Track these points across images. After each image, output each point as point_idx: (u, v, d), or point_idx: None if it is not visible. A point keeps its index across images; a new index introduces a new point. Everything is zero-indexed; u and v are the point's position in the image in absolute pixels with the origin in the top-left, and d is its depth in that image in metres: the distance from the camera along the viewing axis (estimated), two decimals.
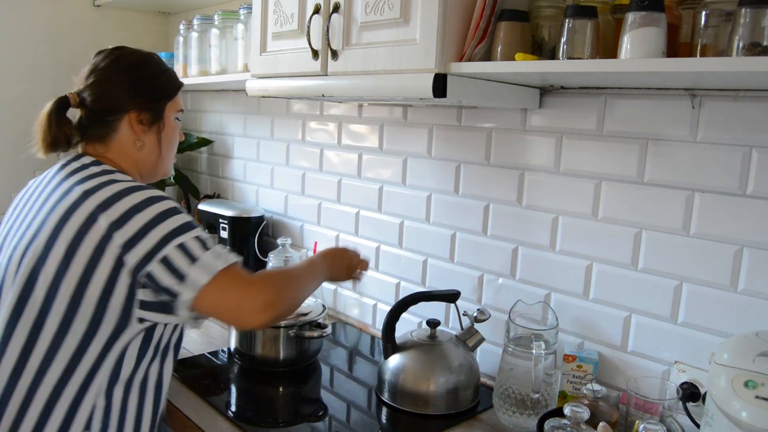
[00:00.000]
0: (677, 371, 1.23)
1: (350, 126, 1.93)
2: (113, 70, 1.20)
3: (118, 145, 1.20)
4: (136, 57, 1.24)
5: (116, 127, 1.20)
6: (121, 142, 1.20)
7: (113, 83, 1.19)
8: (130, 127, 1.20)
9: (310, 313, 1.61)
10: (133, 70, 1.22)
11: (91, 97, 1.19)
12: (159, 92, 1.24)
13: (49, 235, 1.05)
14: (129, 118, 1.20)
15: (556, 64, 1.08)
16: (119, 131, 1.20)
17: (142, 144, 1.22)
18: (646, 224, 1.27)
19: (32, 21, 2.54)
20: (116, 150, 1.20)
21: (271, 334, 1.56)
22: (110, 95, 1.19)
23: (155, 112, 1.23)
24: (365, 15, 1.27)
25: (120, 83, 1.20)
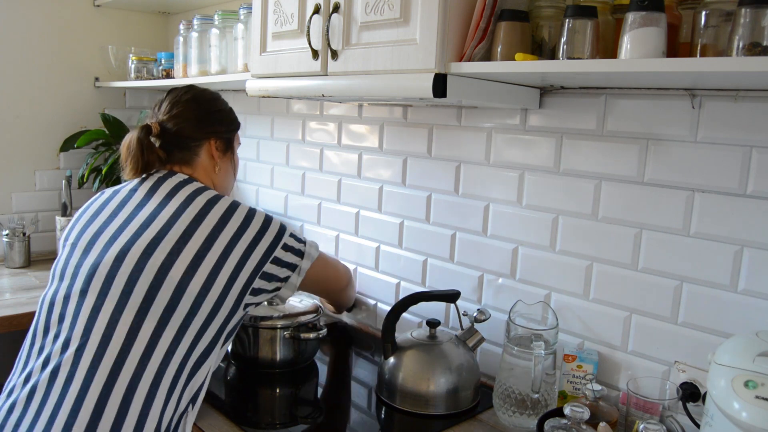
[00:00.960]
0: (677, 371, 1.23)
1: (350, 126, 1.93)
2: (195, 104, 1.38)
3: (202, 167, 1.38)
4: (211, 94, 1.44)
5: (198, 152, 1.37)
6: (203, 165, 1.38)
7: (197, 114, 1.37)
8: (209, 152, 1.38)
9: (306, 315, 1.61)
10: (211, 105, 1.41)
11: (176, 126, 1.35)
12: (231, 125, 1.46)
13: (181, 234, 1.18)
14: (209, 145, 1.38)
15: (556, 64, 1.08)
16: (201, 156, 1.37)
17: (219, 168, 1.41)
18: (646, 224, 1.27)
19: (32, 21, 2.54)
20: (200, 172, 1.37)
21: (267, 336, 1.56)
22: (194, 124, 1.36)
23: (228, 141, 1.44)
24: (365, 15, 1.27)
25: (203, 114, 1.38)
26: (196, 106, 1.38)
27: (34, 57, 2.56)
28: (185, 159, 1.36)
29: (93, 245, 1.21)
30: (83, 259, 1.20)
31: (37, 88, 2.58)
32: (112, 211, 1.27)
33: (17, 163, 2.58)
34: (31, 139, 2.60)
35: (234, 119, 1.48)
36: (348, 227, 1.96)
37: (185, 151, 1.35)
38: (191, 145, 1.36)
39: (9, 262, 2.46)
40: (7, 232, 2.45)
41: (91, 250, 1.20)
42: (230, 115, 1.47)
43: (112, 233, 1.21)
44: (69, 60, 2.64)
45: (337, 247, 2.01)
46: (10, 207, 2.59)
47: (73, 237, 1.26)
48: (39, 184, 2.64)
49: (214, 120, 1.40)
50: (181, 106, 1.36)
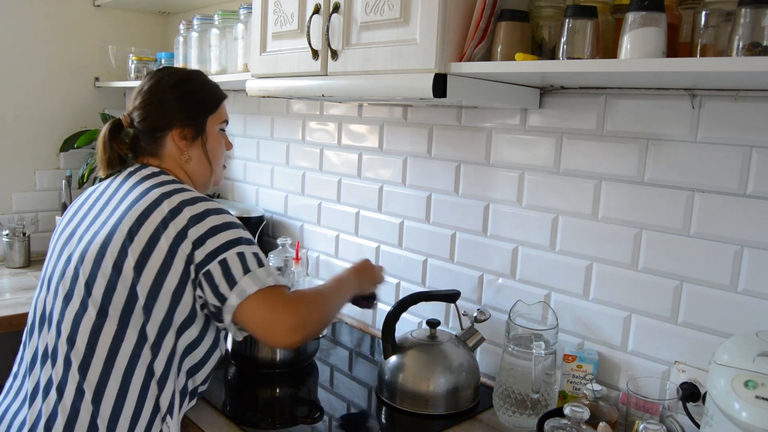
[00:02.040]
0: (677, 371, 1.23)
1: (350, 126, 1.93)
2: (156, 90, 1.28)
3: (169, 159, 1.29)
4: (178, 75, 1.32)
5: (163, 143, 1.28)
6: (170, 156, 1.29)
7: (156, 103, 1.28)
8: (174, 142, 1.28)
9: None
10: (174, 89, 1.29)
11: (139, 117, 1.28)
12: (199, 107, 1.31)
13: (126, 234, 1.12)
14: (172, 135, 1.28)
15: (556, 64, 1.08)
16: (166, 146, 1.29)
17: (189, 158, 1.30)
18: (646, 224, 1.27)
19: (33, 21, 2.54)
20: (169, 163, 1.29)
21: None
22: (154, 114, 1.27)
23: (197, 127, 1.30)
24: (365, 15, 1.27)
25: (162, 102, 1.28)
26: (156, 94, 1.29)
27: (34, 57, 2.56)
28: (151, 151, 1.29)
29: (66, 246, 1.21)
30: (58, 260, 1.21)
31: (37, 88, 2.58)
32: (86, 211, 1.26)
33: (17, 163, 2.58)
34: (31, 139, 2.60)
35: (205, 101, 1.32)
36: (348, 227, 1.96)
37: (151, 144, 1.29)
38: (155, 136, 1.28)
39: (9, 262, 2.46)
40: (7, 232, 2.45)
41: (64, 251, 1.21)
42: (198, 96, 1.32)
43: (81, 234, 1.20)
44: (69, 60, 2.64)
45: (337, 247, 2.01)
46: (10, 207, 2.59)
47: (55, 238, 1.27)
48: (39, 184, 2.64)
49: (175, 107, 1.28)
50: (143, 95, 1.29)
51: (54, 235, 1.29)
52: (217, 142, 1.35)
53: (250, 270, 1.12)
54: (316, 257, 2.09)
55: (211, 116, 1.33)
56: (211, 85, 1.35)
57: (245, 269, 1.12)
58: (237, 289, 1.11)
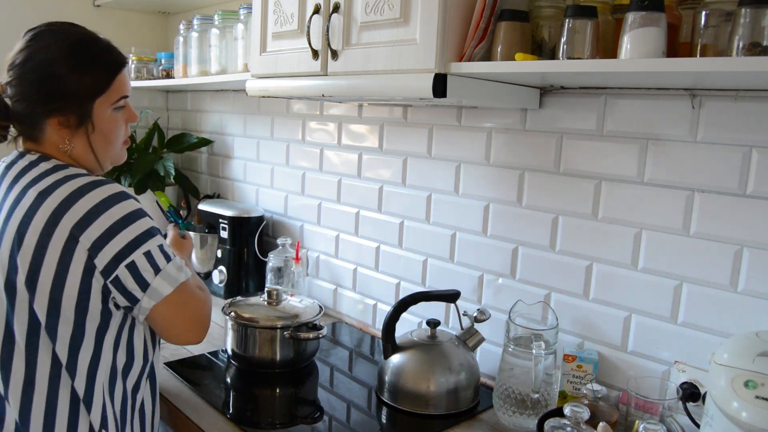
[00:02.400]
0: (677, 371, 1.23)
1: (350, 126, 1.93)
2: (30, 67, 1.06)
3: (50, 144, 1.11)
4: (59, 47, 1.08)
5: (42, 128, 1.09)
6: (51, 142, 1.11)
7: (29, 83, 1.07)
8: (54, 129, 1.09)
9: (306, 315, 1.61)
10: (52, 67, 1.06)
11: (13, 97, 1.08)
12: (84, 91, 1.09)
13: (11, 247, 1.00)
14: (50, 123, 1.09)
15: (556, 64, 1.08)
16: (46, 132, 1.10)
17: (72, 147, 1.11)
18: (646, 224, 1.27)
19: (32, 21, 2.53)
20: (51, 149, 1.11)
21: (267, 336, 1.56)
22: (28, 98, 1.07)
23: (81, 113, 1.09)
24: (365, 15, 1.27)
25: (37, 84, 1.06)
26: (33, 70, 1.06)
27: None
28: (30, 135, 1.11)
29: None
30: None
31: None
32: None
33: None
34: None
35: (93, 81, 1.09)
36: (348, 227, 1.96)
37: (29, 128, 1.09)
38: (33, 120, 1.09)
39: None
40: None
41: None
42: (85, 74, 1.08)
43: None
44: None
45: (337, 247, 2.01)
46: None
47: None
48: None
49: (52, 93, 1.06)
50: (15, 71, 1.06)
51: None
52: (110, 125, 1.14)
53: (161, 269, 1.05)
54: (316, 257, 2.09)
55: (101, 97, 1.10)
56: (104, 53, 1.12)
57: (155, 269, 1.04)
58: (150, 291, 1.04)
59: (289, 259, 2.00)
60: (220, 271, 2.13)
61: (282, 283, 1.99)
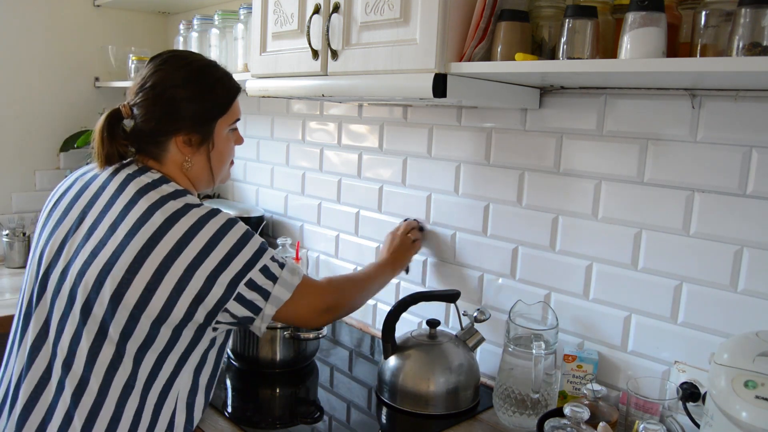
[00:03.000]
0: (677, 371, 1.23)
1: (350, 126, 1.93)
2: (162, 88, 1.16)
3: (172, 162, 1.20)
4: (186, 73, 1.18)
5: (166, 147, 1.19)
6: (173, 161, 1.20)
7: (161, 103, 1.16)
8: (178, 148, 1.19)
9: None
10: (181, 90, 1.17)
11: (141, 116, 1.17)
12: (208, 112, 1.20)
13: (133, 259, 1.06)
14: (176, 141, 1.18)
15: (556, 64, 1.08)
16: (169, 150, 1.19)
17: (191, 164, 1.21)
18: (646, 224, 1.27)
19: (32, 21, 2.54)
20: (171, 167, 1.20)
21: (267, 336, 1.56)
22: (159, 116, 1.16)
23: (204, 132, 1.20)
24: (365, 15, 1.27)
25: (168, 103, 1.16)
26: (162, 92, 1.16)
27: (34, 57, 2.56)
28: (152, 153, 1.19)
29: (61, 254, 1.13)
30: (51, 268, 1.13)
31: (37, 88, 2.58)
32: (81, 212, 1.16)
33: (17, 163, 2.58)
34: (31, 139, 2.60)
35: (216, 101, 1.21)
36: (348, 227, 1.96)
37: (153, 146, 1.19)
38: (157, 140, 1.18)
39: (9, 262, 2.46)
40: (7, 232, 2.45)
41: (59, 260, 1.13)
42: (208, 97, 1.20)
43: (78, 243, 1.12)
44: (69, 60, 2.64)
45: (337, 247, 2.01)
46: (10, 207, 2.59)
47: (45, 236, 1.18)
48: (39, 184, 2.64)
49: (183, 111, 1.17)
50: (147, 92, 1.16)
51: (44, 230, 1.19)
52: (225, 144, 1.27)
53: (278, 278, 1.14)
54: (316, 257, 2.09)
55: (222, 118, 1.22)
56: (225, 79, 1.24)
57: (273, 279, 1.13)
58: (271, 299, 1.13)
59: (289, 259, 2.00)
60: None
61: None
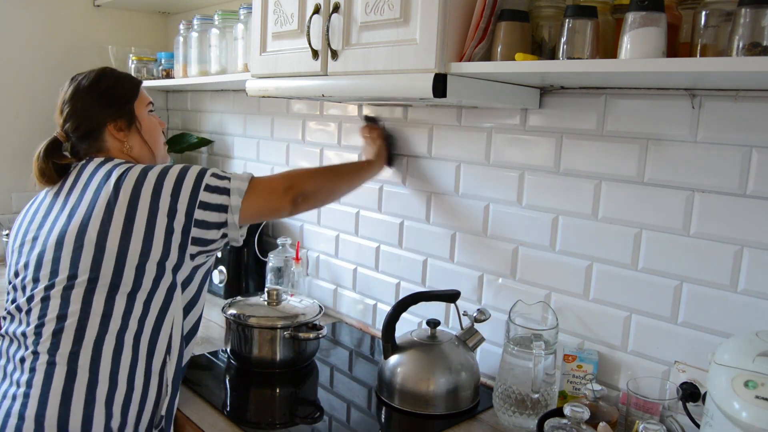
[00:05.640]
0: (677, 371, 1.23)
1: (350, 126, 1.93)
2: (76, 97, 1.35)
3: (115, 150, 1.36)
4: (91, 78, 1.37)
5: (104, 139, 1.35)
6: (114, 149, 1.36)
7: (82, 108, 1.34)
8: (113, 136, 1.35)
9: (306, 315, 1.61)
10: (92, 90, 1.35)
11: (72, 127, 1.34)
12: (122, 98, 1.37)
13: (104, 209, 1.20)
14: (108, 130, 1.34)
15: (556, 64, 1.08)
16: (107, 140, 1.35)
17: (130, 147, 1.37)
18: (646, 224, 1.27)
19: (32, 21, 2.54)
20: (115, 154, 1.35)
21: (267, 336, 1.56)
22: (85, 119, 1.33)
23: (127, 116, 1.37)
24: (365, 15, 1.27)
25: (87, 105, 1.34)
26: (78, 100, 1.35)
27: (34, 57, 2.56)
28: (96, 148, 1.35)
29: (36, 239, 1.25)
30: (30, 253, 1.24)
31: (37, 88, 2.58)
32: (47, 206, 1.30)
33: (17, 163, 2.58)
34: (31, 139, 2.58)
35: (123, 92, 1.39)
36: (348, 227, 1.96)
37: (93, 143, 1.35)
38: (94, 136, 1.35)
39: None
40: (6, 232, 2.45)
41: (36, 244, 1.24)
42: (117, 89, 1.39)
43: (50, 224, 1.25)
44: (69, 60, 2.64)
45: (337, 247, 2.01)
46: (10, 207, 2.59)
47: (19, 239, 1.30)
48: None
49: (100, 106, 1.35)
50: (67, 106, 1.35)
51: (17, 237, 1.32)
52: (151, 123, 1.42)
53: (229, 177, 1.27)
54: (316, 257, 2.09)
55: (136, 102, 1.39)
56: (124, 77, 1.42)
57: (225, 178, 1.26)
58: (233, 192, 1.25)
59: (289, 259, 2.00)
60: (220, 271, 2.13)
61: (282, 283, 1.99)
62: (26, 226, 1.31)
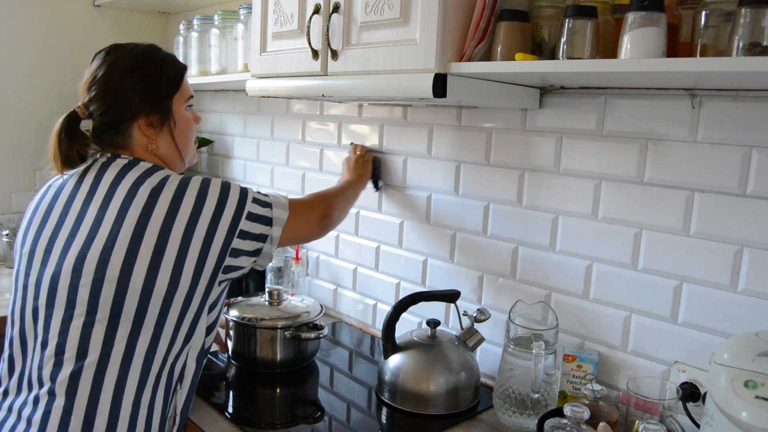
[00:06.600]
0: (677, 371, 1.23)
1: (350, 126, 1.93)
2: (111, 77, 1.18)
3: (139, 147, 1.22)
4: (132, 58, 1.20)
5: (130, 133, 1.21)
6: (139, 145, 1.22)
7: (114, 92, 1.18)
8: (141, 131, 1.21)
9: (309, 314, 1.61)
10: (131, 74, 1.19)
11: (98, 110, 1.19)
12: (162, 90, 1.22)
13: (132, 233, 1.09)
14: (138, 125, 1.20)
15: (556, 64, 1.08)
16: (134, 136, 1.21)
17: (156, 146, 1.23)
18: (646, 224, 1.27)
19: (32, 21, 2.54)
20: (139, 152, 1.22)
21: (267, 336, 1.56)
22: (115, 105, 1.18)
23: (163, 111, 1.22)
24: (365, 15, 1.27)
25: (121, 90, 1.18)
26: (112, 81, 1.18)
27: (34, 57, 2.56)
28: (118, 143, 1.21)
29: (50, 254, 1.13)
30: (43, 269, 1.13)
31: (37, 88, 2.58)
32: (61, 212, 1.17)
33: (17, 163, 2.58)
34: (31, 139, 2.60)
35: (168, 79, 1.23)
36: (348, 227, 1.96)
37: (117, 135, 1.20)
38: (120, 128, 1.20)
39: (9, 262, 2.45)
40: (7, 232, 2.45)
41: (49, 260, 1.13)
42: (160, 76, 1.22)
43: (66, 239, 1.13)
44: (69, 60, 2.64)
45: (337, 247, 2.01)
46: (10, 207, 2.59)
47: (29, 245, 1.18)
48: (39, 184, 2.64)
49: (137, 94, 1.19)
50: (99, 84, 1.18)
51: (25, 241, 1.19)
52: (186, 121, 1.28)
53: (270, 204, 1.21)
54: (316, 257, 2.09)
55: (176, 95, 1.25)
56: (170, 58, 1.26)
57: (267, 204, 1.20)
58: (275, 222, 1.21)
59: (289, 259, 2.00)
60: None
61: (282, 283, 1.99)
62: (38, 227, 1.18)
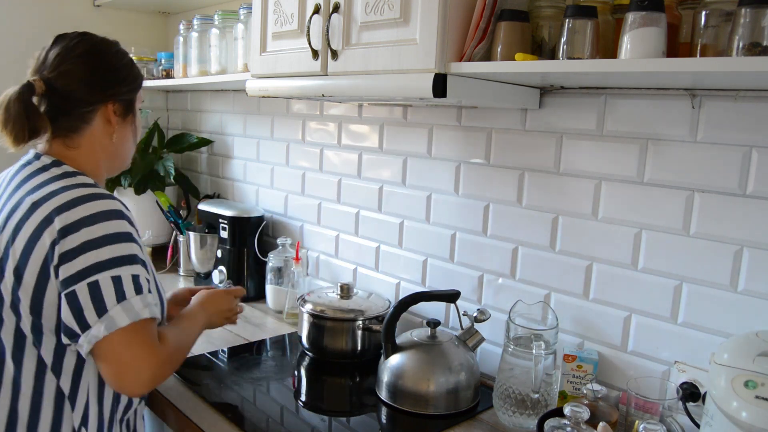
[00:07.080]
0: (677, 371, 1.23)
1: (350, 126, 1.93)
2: (92, 58, 1.12)
3: (90, 137, 1.13)
4: (109, 45, 1.16)
5: (90, 119, 1.13)
6: (94, 135, 1.14)
7: (93, 72, 1.11)
8: (106, 118, 1.14)
9: (375, 308, 1.65)
10: (112, 59, 1.15)
11: (65, 87, 1.09)
12: (134, 82, 1.19)
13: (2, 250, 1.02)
14: (106, 110, 1.14)
15: (556, 64, 1.08)
16: (93, 123, 1.13)
17: (117, 136, 1.17)
18: (646, 224, 1.27)
19: (32, 21, 2.54)
20: (87, 143, 1.13)
21: (341, 328, 1.61)
22: (89, 85, 1.11)
23: (129, 102, 1.18)
24: (365, 15, 1.27)
25: (102, 72, 1.12)
26: (93, 61, 1.11)
27: None
28: (73, 127, 1.11)
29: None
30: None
31: None
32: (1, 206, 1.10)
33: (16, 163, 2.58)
34: None
35: (137, 74, 1.20)
36: (348, 227, 1.96)
37: (74, 119, 1.11)
38: (82, 112, 1.11)
39: None
40: None
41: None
42: (133, 69, 1.19)
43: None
44: None
45: (337, 247, 2.01)
46: None
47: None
48: None
49: (114, 78, 1.13)
50: (72, 61, 1.09)
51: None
52: (139, 122, 1.24)
53: (126, 298, 0.99)
54: (316, 257, 2.09)
55: (138, 93, 1.21)
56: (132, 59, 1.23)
57: (119, 296, 0.98)
58: (105, 318, 0.97)
59: (289, 259, 2.00)
60: (220, 271, 2.13)
61: (282, 283, 1.99)
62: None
